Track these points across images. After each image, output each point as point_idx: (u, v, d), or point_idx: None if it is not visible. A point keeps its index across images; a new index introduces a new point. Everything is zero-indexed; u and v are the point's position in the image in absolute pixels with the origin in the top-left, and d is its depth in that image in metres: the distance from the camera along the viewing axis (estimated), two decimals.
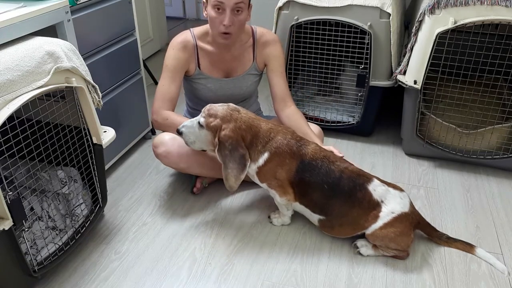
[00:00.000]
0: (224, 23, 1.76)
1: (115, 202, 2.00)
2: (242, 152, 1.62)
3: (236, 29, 1.81)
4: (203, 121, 1.66)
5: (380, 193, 1.62)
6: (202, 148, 1.73)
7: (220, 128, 1.63)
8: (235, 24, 1.79)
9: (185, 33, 1.95)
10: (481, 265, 1.64)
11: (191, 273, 1.63)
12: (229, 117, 1.64)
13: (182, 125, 1.71)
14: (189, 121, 1.71)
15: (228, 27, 1.77)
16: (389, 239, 1.60)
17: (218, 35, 1.82)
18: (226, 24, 1.76)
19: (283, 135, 1.67)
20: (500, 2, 1.83)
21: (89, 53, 1.88)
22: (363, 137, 2.50)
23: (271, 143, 1.65)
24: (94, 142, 1.65)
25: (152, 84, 3.21)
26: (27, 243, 1.47)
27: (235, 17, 1.77)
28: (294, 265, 1.66)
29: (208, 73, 1.96)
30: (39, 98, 1.41)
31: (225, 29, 1.78)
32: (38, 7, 1.53)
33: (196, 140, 1.71)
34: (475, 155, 2.15)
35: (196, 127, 1.68)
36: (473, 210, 1.93)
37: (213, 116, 1.64)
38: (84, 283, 1.59)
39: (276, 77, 2.00)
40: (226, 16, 1.75)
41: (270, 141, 1.65)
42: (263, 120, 1.70)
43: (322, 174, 1.62)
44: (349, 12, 2.19)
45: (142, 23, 3.53)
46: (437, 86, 2.08)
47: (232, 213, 1.93)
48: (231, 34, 1.81)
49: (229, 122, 1.63)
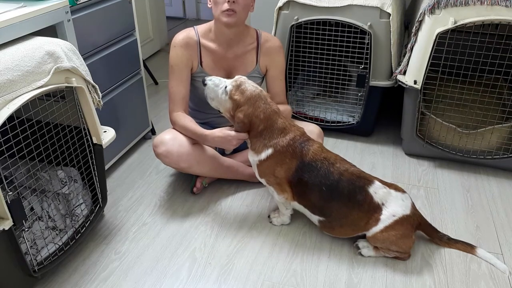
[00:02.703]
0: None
1: (115, 202, 2.00)
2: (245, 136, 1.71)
3: (240, 9, 1.82)
4: (230, 89, 1.69)
5: (381, 196, 1.61)
6: (218, 108, 1.76)
7: (239, 106, 1.67)
8: (239, 2, 1.80)
9: (188, 30, 1.95)
10: (481, 265, 1.64)
11: (191, 273, 1.63)
12: (253, 101, 1.66)
13: (210, 78, 1.75)
14: (217, 79, 1.75)
15: (232, 4, 1.78)
16: (390, 242, 1.60)
17: (222, 14, 1.82)
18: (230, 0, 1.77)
19: (292, 134, 1.67)
20: (500, 2, 1.83)
21: (89, 53, 1.88)
22: (363, 137, 2.50)
23: (278, 140, 1.65)
24: (94, 142, 1.65)
25: (152, 84, 3.21)
26: (27, 243, 1.47)
27: None
28: (294, 265, 1.66)
29: (209, 71, 1.97)
30: (39, 98, 1.40)
31: (229, 5, 1.78)
32: (38, 7, 1.53)
33: (215, 99, 1.74)
34: (475, 155, 2.15)
35: (221, 89, 1.71)
36: (473, 210, 1.93)
37: (241, 92, 1.67)
38: (84, 283, 1.59)
39: (274, 83, 2.07)
40: None
41: (278, 139, 1.66)
42: (283, 117, 1.71)
43: (320, 176, 1.62)
44: (349, 12, 2.19)
45: (142, 23, 3.53)
46: (437, 86, 2.08)
47: (232, 213, 1.93)
48: (235, 12, 1.81)
49: (249, 106, 1.65)
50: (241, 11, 1.83)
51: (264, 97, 1.69)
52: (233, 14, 1.81)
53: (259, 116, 1.66)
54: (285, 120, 1.70)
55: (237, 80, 1.70)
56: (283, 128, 1.67)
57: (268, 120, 1.66)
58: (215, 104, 1.76)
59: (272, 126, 1.67)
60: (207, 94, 1.76)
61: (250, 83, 1.71)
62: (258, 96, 1.67)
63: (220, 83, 1.72)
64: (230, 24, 1.84)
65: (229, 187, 2.08)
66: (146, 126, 2.46)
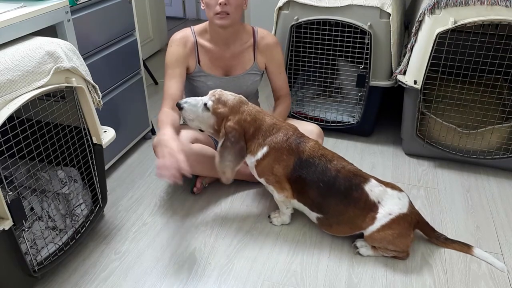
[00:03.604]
0: (219, 1, 1.77)
1: (115, 202, 2.00)
2: (242, 145, 1.65)
3: (233, 9, 1.81)
4: (211, 104, 1.66)
5: (377, 194, 1.61)
6: (199, 128, 1.73)
7: (226, 117, 1.65)
8: (231, 3, 1.79)
9: (185, 30, 1.96)
10: (481, 265, 1.64)
11: (191, 273, 1.63)
12: (237, 108, 1.66)
13: (185, 100, 1.70)
14: (193, 99, 1.70)
15: (224, 6, 1.78)
16: (387, 241, 1.60)
17: (214, 17, 1.82)
18: (222, 2, 1.77)
19: (285, 131, 1.68)
20: (500, 2, 1.83)
21: (89, 53, 1.88)
22: (363, 137, 2.50)
23: (272, 138, 1.66)
24: (94, 142, 1.65)
25: (152, 84, 3.22)
26: (27, 243, 1.47)
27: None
28: (294, 265, 1.66)
29: (208, 70, 1.97)
30: (39, 98, 1.41)
31: (221, 8, 1.78)
32: (38, 7, 1.53)
33: (195, 119, 1.70)
34: (475, 155, 2.15)
35: (201, 107, 1.68)
36: (473, 210, 1.93)
37: (223, 104, 1.66)
38: (84, 283, 1.59)
39: (276, 77, 2.09)
40: None
41: (271, 136, 1.66)
42: (269, 115, 1.72)
43: (318, 172, 1.63)
44: (349, 12, 2.19)
45: (142, 23, 3.53)
46: (437, 86, 2.08)
47: (232, 213, 1.93)
48: (228, 14, 1.81)
49: (236, 114, 1.65)
50: (234, 12, 1.83)
51: (244, 101, 1.69)
52: (226, 16, 1.81)
53: (247, 119, 1.65)
54: (272, 117, 1.71)
55: (215, 94, 1.68)
56: (273, 124, 1.68)
57: (256, 121, 1.67)
58: (196, 124, 1.71)
59: (262, 124, 1.67)
60: (185, 117, 1.71)
61: (228, 93, 1.69)
62: (240, 102, 1.68)
63: (197, 102, 1.68)
64: (224, 26, 1.85)
65: (229, 187, 2.08)
66: (146, 126, 2.46)
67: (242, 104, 1.68)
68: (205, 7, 1.85)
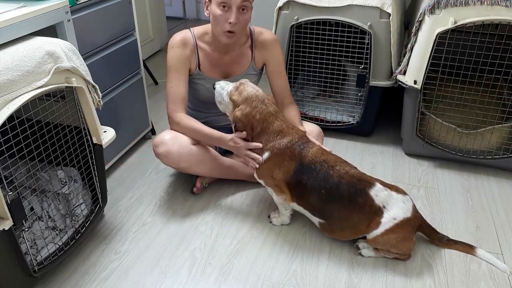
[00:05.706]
0: (230, 21, 1.75)
1: (115, 202, 2.00)
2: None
3: (240, 28, 1.81)
4: (230, 90, 1.73)
5: (383, 199, 1.59)
6: (225, 111, 1.81)
7: (236, 106, 1.70)
8: (240, 23, 1.79)
9: (185, 32, 1.95)
10: (481, 265, 1.64)
11: (191, 273, 1.63)
12: (250, 102, 1.68)
13: (219, 82, 1.80)
14: (224, 82, 1.80)
15: (234, 26, 1.77)
16: (390, 245, 1.60)
17: (222, 34, 1.81)
18: (233, 22, 1.75)
19: (290, 137, 1.66)
20: (500, 2, 1.83)
21: (89, 53, 1.88)
22: (363, 137, 2.50)
23: (274, 143, 1.66)
24: (94, 142, 1.65)
25: (152, 84, 3.21)
26: (27, 243, 1.47)
27: (241, 16, 1.77)
28: (294, 265, 1.66)
29: (207, 73, 1.96)
30: (39, 98, 1.40)
31: (230, 27, 1.77)
32: (38, 7, 1.53)
33: (222, 102, 1.79)
34: (475, 155, 2.15)
35: (225, 91, 1.75)
36: (473, 210, 1.93)
37: (239, 93, 1.71)
38: (84, 283, 1.59)
39: (276, 78, 2.03)
40: (232, 14, 1.74)
41: (274, 142, 1.66)
42: (280, 119, 1.70)
43: (319, 179, 1.61)
44: (349, 12, 2.19)
45: (142, 23, 3.53)
46: (437, 86, 2.08)
47: (232, 213, 1.93)
48: (235, 33, 1.81)
49: (246, 106, 1.68)
50: (240, 31, 1.83)
51: (261, 98, 1.69)
52: (233, 35, 1.81)
53: (255, 116, 1.66)
54: (283, 123, 1.69)
55: (239, 82, 1.75)
56: (279, 130, 1.67)
57: (264, 122, 1.67)
58: (223, 108, 1.80)
59: (268, 128, 1.67)
60: (216, 98, 1.80)
61: (251, 85, 1.73)
62: (255, 96, 1.69)
63: (225, 86, 1.77)
64: (229, 43, 1.87)
65: (229, 187, 2.08)
66: (146, 126, 2.46)
67: (256, 99, 1.68)
68: (212, 19, 1.82)
